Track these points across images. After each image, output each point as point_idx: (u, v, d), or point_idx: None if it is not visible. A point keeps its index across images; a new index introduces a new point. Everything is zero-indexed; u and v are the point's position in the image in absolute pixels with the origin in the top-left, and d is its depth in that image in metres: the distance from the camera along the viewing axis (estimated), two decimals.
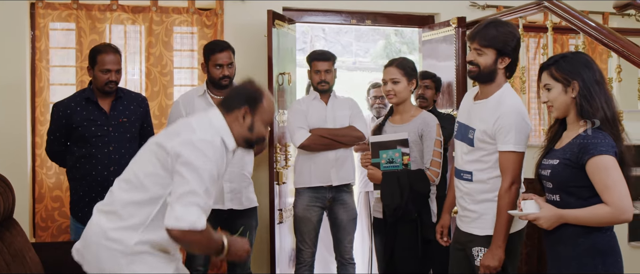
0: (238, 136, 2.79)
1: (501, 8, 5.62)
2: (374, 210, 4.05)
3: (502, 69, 3.16)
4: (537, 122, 5.86)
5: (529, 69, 5.82)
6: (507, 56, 3.13)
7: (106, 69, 3.94)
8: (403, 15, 5.70)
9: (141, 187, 2.69)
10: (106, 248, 2.69)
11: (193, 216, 2.52)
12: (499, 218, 3.07)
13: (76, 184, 4.01)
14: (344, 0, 5.46)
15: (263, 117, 2.81)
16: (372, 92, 5.76)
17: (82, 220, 3.96)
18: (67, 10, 4.81)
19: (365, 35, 12.90)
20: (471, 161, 3.21)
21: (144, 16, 4.96)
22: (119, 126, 4.01)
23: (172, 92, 4.98)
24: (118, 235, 2.68)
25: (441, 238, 3.59)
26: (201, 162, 2.58)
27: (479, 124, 3.16)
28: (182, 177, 2.56)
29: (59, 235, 4.78)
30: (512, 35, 3.13)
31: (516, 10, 4.69)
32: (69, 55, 4.88)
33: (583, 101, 2.64)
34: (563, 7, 4.18)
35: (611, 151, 2.56)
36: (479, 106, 3.21)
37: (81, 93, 4.07)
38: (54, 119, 4.02)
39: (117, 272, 2.68)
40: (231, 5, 5.12)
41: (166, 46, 4.99)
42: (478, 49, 3.14)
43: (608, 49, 3.99)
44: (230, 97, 2.84)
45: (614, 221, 2.58)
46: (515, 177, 3.06)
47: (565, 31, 5.55)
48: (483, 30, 3.14)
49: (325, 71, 4.51)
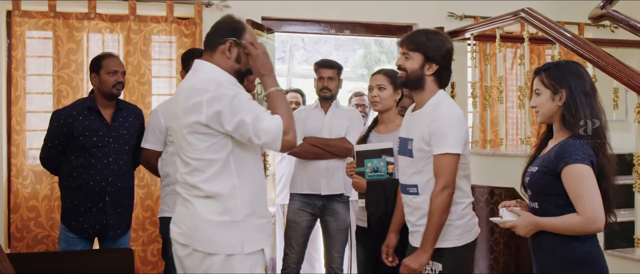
0: (229, 71, 2.78)
1: (479, 18, 5.67)
2: (358, 219, 4.05)
3: (431, 76, 3.12)
4: (514, 132, 5.91)
5: (506, 79, 5.87)
6: (434, 63, 3.10)
7: (113, 70, 3.96)
8: (381, 25, 5.73)
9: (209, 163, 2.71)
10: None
11: (273, 125, 2.63)
12: (429, 222, 3.02)
13: (71, 193, 3.95)
14: (323, 10, 5.48)
15: (250, 44, 2.80)
16: (354, 101, 5.80)
17: (75, 229, 3.93)
18: (44, 19, 4.78)
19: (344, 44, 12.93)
20: (414, 173, 3.15)
21: (122, 25, 4.93)
22: (119, 137, 4.01)
23: (150, 102, 4.96)
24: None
25: (387, 258, 3.47)
26: (231, 100, 2.62)
27: (416, 134, 3.12)
28: (237, 125, 2.62)
29: (35, 246, 4.72)
30: (442, 44, 3.12)
31: (494, 20, 4.74)
32: (45, 64, 4.84)
33: (566, 111, 2.65)
34: (539, 18, 4.23)
35: (586, 160, 2.56)
36: (415, 116, 3.19)
37: (83, 102, 4.03)
38: (54, 127, 3.96)
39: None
40: (210, 14, 5.11)
41: (144, 55, 4.97)
42: (405, 53, 3.13)
43: (583, 60, 4.04)
44: (211, 35, 2.82)
45: (584, 231, 2.58)
46: (449, 181, 3.00)
47: (541, 42, 5.62)
48: (412, 35, 3.15)
49: (328, 78, 4.53)
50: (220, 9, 5.14)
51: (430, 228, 3.01)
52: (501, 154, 4.44)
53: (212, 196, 2.68)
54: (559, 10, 5.88)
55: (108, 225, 3.98)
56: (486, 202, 4.47)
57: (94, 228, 3.96)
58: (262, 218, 2.78)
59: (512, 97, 5.90)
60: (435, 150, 3.02)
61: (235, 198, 2.69)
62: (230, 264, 2.67)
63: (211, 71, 2.75)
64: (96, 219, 3.96)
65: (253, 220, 2.73)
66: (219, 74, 2.73)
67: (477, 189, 4.57)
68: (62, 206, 4.04)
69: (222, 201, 2.68)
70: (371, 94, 3.87)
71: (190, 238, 2.70)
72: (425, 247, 3.02)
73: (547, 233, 2.65)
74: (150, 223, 4.92)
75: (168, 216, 4.04)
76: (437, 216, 3.00)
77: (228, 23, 2.83)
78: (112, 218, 3.99)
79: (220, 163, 2.68)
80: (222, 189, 2.68)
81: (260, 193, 2.81)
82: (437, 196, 3.00)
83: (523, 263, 4.18)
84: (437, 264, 3.09)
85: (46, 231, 4.72)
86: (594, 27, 6.13)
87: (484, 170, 4.55)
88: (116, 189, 3.99)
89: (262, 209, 2.80)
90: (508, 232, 4.27)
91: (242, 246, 2.68)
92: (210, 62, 2.78)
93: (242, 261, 2.68)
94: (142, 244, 4.93)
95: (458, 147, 3.02)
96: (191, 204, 2.72)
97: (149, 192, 4.93)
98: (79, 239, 3.97)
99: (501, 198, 4.33)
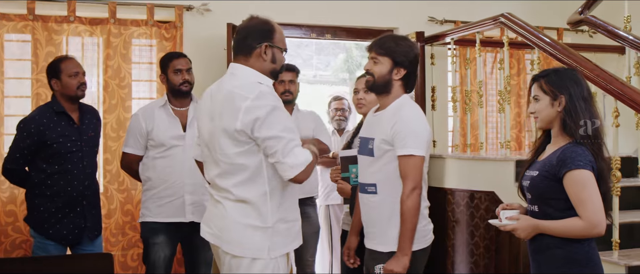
0: (264, 72, 2.88)
1: (459, 23, 5.70)
2: (344, 223, 4.05)
3: (398, 81, 3.19)
4: (494, 136, 5.95)
5: (486, 83, 5.91)
6: (402, 67, 3.16)
7: (74, 72, 3.94)
8: (362, 30, 5.74)
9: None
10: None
11: (301, 157, 2.72)
12: (403, 224, 3.04)
13: (46, 201, 3.89)
14: (304, 14, 5.48)
15: (280, 45, 2.93)
16: (333, 105, 5.80)
17: (53, 237, 3.90)
18: (23, 22, 4.73)
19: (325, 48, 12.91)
20: (374, 172, 3.18)
21: (102, 28, 4.90)
22: (89, 140, 4.01)
23: (130, 105, 4.93)
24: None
25: (348, 260, 3.49)
26: (269, 112, 2.70)
27: (377, 134, 3.16)
28: (270, 136, 2.70)
29: (13, 251, 4.66)
30: (410, 49, 3.19)
31: (474, 25, 4.76)
32: (24, 67, 4.79)
33: (567, 116, 2.71)
34: (519, 23, 4.26)
35: (588, 166, 2.62)
36: (377, 117, 3.24)
37: (49, 108, 3.97)
38: (23, 137, 3.87)
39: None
40: (190, 18, 5.10)
41: (124, 59, 4.94)
42: (374, 58, 3.19)
43: (562, 64, 4.07)
44: (244, 41, 2.89)
45: (586, 235, 2.63)
46: (417, 182, 3.04)
47: (521, 46, 5.65)
48: (380, 40, 3.21)
49: (289, 81, 4.51)
50: (201, 12, 5.13)
51: (406, 230, 3.04)
52: (481, 158, 4.46)
53: (243, 200, 2.76)
54: (539, 16, 5.93)
55: (86, 228, 3.96)
56: (466, 206, 4.49)
57: (73, 232, 3.93)
58: (290, 222, 2.88)
59: (492, 102, 5.93)
60: (400, 151, 3.06)
61: (266, 205, 2.78)
62: (255, 267, 2.77)
63: (250, 76, 2.84)
64: (75, 224, 3.93)
65: (281, 225, 2.82)
66: (258, 79, 2.83)
67: (457, 193, 4.59)
68: (36, 216, 3.94)
69: (254, 207, 2.77)
70: (357, 97, 3.87)
71: (219, 239, 2.81)
72: (404, 249, 3.05)
73: (546, 235, 2.71)
74: (130, 228, 4.88)
75: (150, 220, 4.04)
76: (411, 217, 3.03)
77: (259, 27, 2.91)
78: (90, 221, 3.97)
79: (252, 170, 2.76)
80: (253, 196, 2.77)
81: (290, 198, 2.90)
82: (408, 198, 3.04)
83: (502, 265, 4.21)
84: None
85: (24, 236, 4.66)
86: (573, 32, 6.18)
87: (464, 174, 4.58)
88: (92, 192, 4.01)
89: (290, 213, 2.89)
90: (488, 236, 4.31)
91: (269, 250, 2.78)
92: (246, 65, 2.86)
93: (267, 264, 2.78)
94: (121, 249, 4.90)
95: (422, 150, 3.07)
96: (222, 206, 2.81)
97: (129, 196, 4.89)
98: (56, 246, 3.93)
99: (481, 202, 4.35)
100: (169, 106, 4.12)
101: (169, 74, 4.10)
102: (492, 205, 4.26)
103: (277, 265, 2.81)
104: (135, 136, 4.05)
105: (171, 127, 4.05)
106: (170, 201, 4.03)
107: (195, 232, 4.05)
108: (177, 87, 4.08)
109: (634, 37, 4.61)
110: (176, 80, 4.07)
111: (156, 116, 4.07)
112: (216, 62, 5.03)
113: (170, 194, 4.02)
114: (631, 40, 4.62)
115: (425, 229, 3.20)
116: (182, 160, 4.00)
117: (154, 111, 4.11)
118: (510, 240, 4.11)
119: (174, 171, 4.02)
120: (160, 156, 4.03)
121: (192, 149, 3.65)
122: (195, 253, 4.16)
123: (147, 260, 4.08)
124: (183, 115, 4.10)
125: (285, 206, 2.86)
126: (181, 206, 4.05)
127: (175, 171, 4.02)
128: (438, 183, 4.73)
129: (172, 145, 4.02)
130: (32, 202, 3.95)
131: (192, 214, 4.08)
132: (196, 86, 4.21)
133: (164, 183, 4.02)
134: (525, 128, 6.10)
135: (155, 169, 4.04)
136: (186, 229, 4.09)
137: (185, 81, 4.08)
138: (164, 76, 4.14)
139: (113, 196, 4.86)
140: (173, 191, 4.02)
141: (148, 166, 4.06)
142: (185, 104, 4.13)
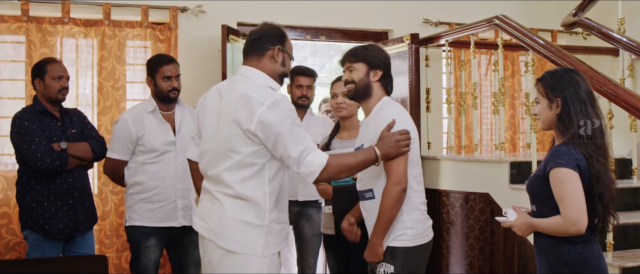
0: (274, 75, 2.97)
1: (453, 25, 5.71)
2: (325, 227, 4.04)
3: (377, 82, 3.26)
4: (489, 137, 5.96)
5: (481, 85, 5.92)
6: (378, 68, 3.25)
7: (59, 75, 3.95)
8: (357, 31, 5.75)
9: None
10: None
11: (314, 165, 2.76)
12: (380, 216, 3.08)
13: (37, 195, 3.90)
14: (299, 16, 5.48)
15: (290, 52, 3.03)
16: (323, 107, 5.84)
17: (49, 233, 3.90)
18: (17, 23, 4.72)
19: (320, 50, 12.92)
20: (368, 178, 3.23)
21: (97, 30, 4.89)
22: (70, 136, 4.02)
23: (124, 107, 4.92)
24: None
25: (350, 230, 3.48)
26: (282, 120, 2.77)
27: (366, 140, 3.21)
28: (286, 155, 2.77)
29: (7, 253, 4.65)
30: (380, 52, 3.30)
31: (468, 27, 4.77)
32: (18, 68, 4.78)
33: (561, 118, 2.74)
34: (513, 25, 4.27)
35: (571, 164, 2.63)
36: (364, 124, 3.31)
37: (31, 109, 3.96)
38: (32, 128, 3.83)
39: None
40: (185, 20, 5.09)
41: (119, 60, 4.93)
42: (349, 67, 3.29)
43: (556, 66, 4.08)
44: (257, 42, 2.97)
45: (565, 232, 2.65)
46: (400, 178, 3.05)
47: (515, 48, 5.67)
48: (351, 51, 3.33)
49: (307, 86, 4.55)
50: (195, 14, 5.13)
51: (380, 219, 3.08)
52: (476, 159, 4.47)
53: (242, 198, 2.82)
54: (533, 18, 5.94)
55: (78, 221, 3.96)
56: (461, 208, 4.50)
57: (68, 226, 3.95)
58: (282, 223, 2.94)
59: (487, 103, 5.95)
60: None
61: (265, 204, 2.84)
62: (249, 264, 2.81)
63: (261, 79, 2.92)
64: (69, 217, 3.94)
65: (276, 225, 2.88)
66: (269, 84, 2.92)
67: (452, 195, 4.60)
68: (30, 214, 3.92)
69: (253, 205, 2.83)
70: (336, 101, 3.91)
71: (216, 234, 2.85)
72: (376, 239, 3.10)
73: (544, 234, 2.75)
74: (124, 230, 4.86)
75: (138, 224, 4.02)
76: (390, 209, 3.06)
77: (273, 30, 3.02)
78: (80, 214, 3.98)
79: (257, 168, 2.83)
80: (253, 194, 2.83)
81: (284, 199, 2.97)
82: (388, 190, 3.07)
83: (497, 267, 4.22)
84: (389, 266, 3.12)
85: (18, 238, 4.65)
86: (567, 34, 6.20)
87: (458, 176, 4.58)
88: (81, 184, 4.03)
89: (283, 215, 2.96)
90: (482, 237, 4.32)
91: (263, 248, 2.83)
92: (257, 67, 2.95)
93: (260, 262, 2.83)
94: (116, 251, 4.89)
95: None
96: (219, 202, 2.85)
97: (123, 198, 4.86)
98: (52, 245, 3.92)
99: (476, 204, 4.36)
100: (158, 111, 4.06)
101: (157, 79, 4.04)
102: (486, 206, 4.28)
103: (272, 263, 2.88)
104: (123, 141, 3.99)
105: (162, 133, 4.02)
106: (161, 206, 4.01)
107: (185, 234, 4.07)
108: (165, 94, 4.04)
109: (628, 39, 4.63)
110: (165, 87, 4.03)
111: (146, 122, 4.01)
112: (211, 63, 5.02)
113: (162, 199, 4.01)
114: (625, 42, 4.64)
115: (423, 225, 3.19)
116: (174, 165, 4.00)
117: (142, 116, 4.02)
118: (505, 241, 4.11)
119: (167, 177, 4.00)
120: (152, 161, 3.99)
121: (182, 154, 3.64)
122: (184, 254, 4.15)
123: (138, 264, 4.05)
124: (170, 119, 4.08)
125: (280, 208, 2.92)
126: (173, 210, 4.03)
127: (168, 177, 4.00)
128: (433, 185, 4.74)
129: (164, 151, 4.00)
130: (24, 200, 3.94)
131: (183, 218, 4.07)
132: (191, 87, 4.21)
133: (156, 188, 4.00)
134: (520, 130, 6.11)
135: (146, 174, 4.00)
136: (176, 233, 4.08)
137: (173, 89, 4.05)
138: (151, 80, 4.07)
139: (107, 198, 4.85)
140: (165, 196, 4.01)
141: (137, 171, 4.02)
142: (171, 107, 4.10)
